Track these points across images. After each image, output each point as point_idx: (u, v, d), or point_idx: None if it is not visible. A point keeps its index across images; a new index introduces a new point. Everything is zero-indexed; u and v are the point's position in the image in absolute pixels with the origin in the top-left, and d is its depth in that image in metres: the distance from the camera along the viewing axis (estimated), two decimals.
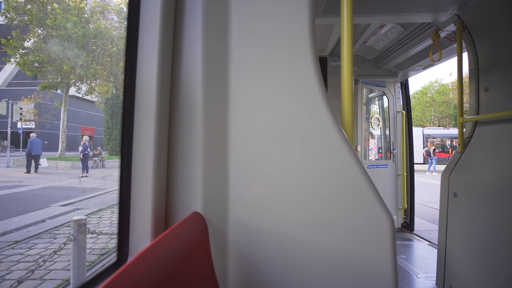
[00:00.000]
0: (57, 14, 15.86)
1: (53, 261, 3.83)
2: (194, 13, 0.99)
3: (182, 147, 0.99)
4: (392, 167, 4.41)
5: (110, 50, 18.28)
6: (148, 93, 0.94)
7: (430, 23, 2.68)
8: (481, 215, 2.00)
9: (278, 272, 0.89)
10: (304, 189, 0.88)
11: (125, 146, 0.97)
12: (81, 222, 2.66)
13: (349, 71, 0.97)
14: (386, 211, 0.82)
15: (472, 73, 2.22)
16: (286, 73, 0.92)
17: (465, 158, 2.24)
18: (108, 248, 4.45)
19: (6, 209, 6.38)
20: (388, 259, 0.80)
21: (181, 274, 0.69)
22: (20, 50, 16.39)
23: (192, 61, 0.98)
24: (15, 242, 4.49)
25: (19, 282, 2.31)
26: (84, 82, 18.72)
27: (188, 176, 0.97)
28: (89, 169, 13.73)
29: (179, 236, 0.77)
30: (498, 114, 1.93)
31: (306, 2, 0.91)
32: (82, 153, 13.14)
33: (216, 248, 0.94)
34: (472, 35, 2.20)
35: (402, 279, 2.85)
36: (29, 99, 21.36)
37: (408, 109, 4.58)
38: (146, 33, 0.96)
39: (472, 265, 2.06)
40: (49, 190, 8.89)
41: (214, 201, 0.95)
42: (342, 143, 0.86)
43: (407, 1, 2.17)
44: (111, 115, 20.61)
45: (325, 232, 0.85)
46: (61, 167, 15.35)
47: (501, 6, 1.91)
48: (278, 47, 0.94)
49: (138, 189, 0.95)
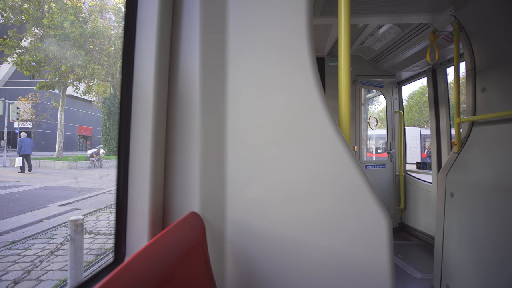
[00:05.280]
0: (54, 14, 15.77)
1: (50, 261, 3.82)
2: (191, 12, 0.99)
3: (179, 147, 0.99)
4: (389, 167, 4.42)
5: (108, 50, 18.21)
6: (146, 93, 0.94)
7: (428, 24, 2.69)
8: (478, 215, 2.02)
9: (275, 272, 0.90)
10: (301, 189, 0.88)
11: (122, 146, 0.97)
12: (78, 222, 2.65)
13: (347, 72, 0.97)
14: (383, 211, 0.82)
15: (469, 73, 2.23)
16: (283, 73, 0.92)
17: (462, 158, 2.25)
18: (105, 249, 4.43)
19: (3, 209, 6.33)
20: (385, 259, 0.80)
21: (178, 274, 0.69)
22: (17, 49, 16.28)
23: (189, 60, 0.98)
24: (12, 243, 4.46)
25: (16, 282, 2.30)
26: (82, 82, 18.63)
27: (185, 176, 0.97)
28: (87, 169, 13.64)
29: (177, 236, 0.77)
30: (494, 114, 1.94)
31: (303, 3, 0.91)
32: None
33: (214, 248, 0.94)
34: (469, 36, 2.21)
35: (399, 278, 2.86)
36: (26, 99, 21.22)
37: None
38: (143, 32, 0.96)
39: (469, 265, 2.08)
40: (46, 190, 8.84)
41: (212, 201, 0.95)
42: (339, 144, 0.87)
43: (404, 1, 2.18)
44: (109, 115, 20.52)
45: (322, 233, 0.85)
46: (58, 167, 15.27)
47: (498, 7, 1.93)
48: (275, 47, 0.94)
49: (135, 189, 0.95)
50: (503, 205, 1.82)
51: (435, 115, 3.73)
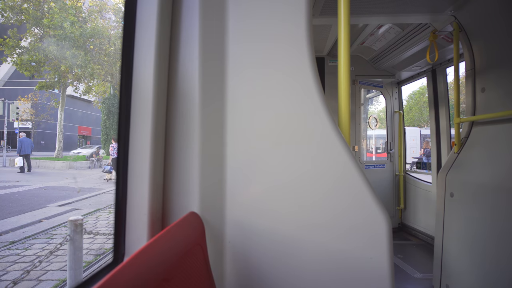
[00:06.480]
0: (54, 14, 15.76)
1: (49, 261, 3.81)
2: (191, 12, 0.99)
3: (178, 147, 0.99)
4: (389, 167, 4.42)
5: (108, 50, 18.20)
6: (145, 93, 0.94)
7: (428, 24, 2.69)
8: (478, 215, 2.01)
9: (275, 273, 0.89)
10: (301, 189, 0.88)
11: (122, 146, 0.96)
12: (78, 222, 2.65)
13: (346, 71, 0.97)
14: (382, 211, 0.82)
15: (469, 73, 2.23)
16: (283, 73, 0.92)
17: (462, 158, 2.25)
18: (105, 249, 4.43)
19: (3, 209, 6.33)
20: (385, 259, 0.80)
21: (178, 274, 0.69)
22: (17, 49, 16.27)
23: (189, 60, 0.98)
24: (12, 243, 4.46)
25: (15, 283, 2.29)
26: (82, 82, 18.62)
27: (184, 176, 0.97)
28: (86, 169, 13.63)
29: (176, 236, 0.76)
30: (494, 114, 1.94)
31: (303, 3, 0.91)
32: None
33: (213, 248, 0.94)
34: (469, 36, 2.21)
35: (399, 278, 2.86)
36: (26, 99, 21.20)
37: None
38: (142, 32, 0.96)
39: (469, 265, 2.08)
40: (45, 190, 8.84)
41: (211, 201, 0.95)
42: (339, 144, 0.86)
43: (404, 2, 2.18)
44: (108, 115, 20.51)
45: (322, 232, 0.85)
46: (58, 167, 15.26)
47: (497, 7, 1.93)
48: (275, 47, 0.93)
49: (134, 189, 0.95)
50: (503, 205, 1.82)
51: (435, 115, 3.73)
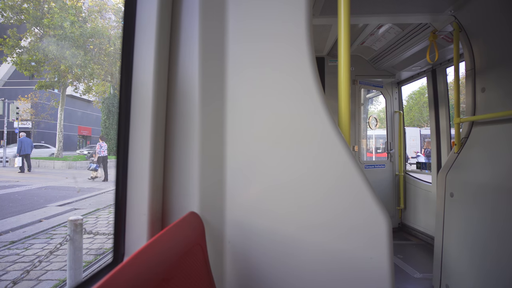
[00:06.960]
0: (54, 13, 15.75)
1: (49, 261, 3.81)
2: (191, 12, 0.99)
3: (178, 147, 0.99)
4: (389, 167, 4.42)
5: (108, 50, 18.20)
6: (145, 93, 0.94)
7: (428, 24, 2.69)
8: (478, 215, 2.01)
9: (275, 272, 0.89)
10: (300, 189, 0.88)
11: (122, 146, 0.96)
12: (78, 222, 2.65)
13: (346, 71, 0.97)
14: (383, 211, 0.82)
15: (469, 73, 2.23)
16: (283, 73, 0.92)
17: (462, 158, 2.25)
18: (105, 248, 4.43)
19: (3, 209, 6.32)
20: (385, 259, 0.80)
21: (177, 274, 0.69)
22: (16, 49, 16.27)
23: (188, 60, 0.98)
24: (11, 243, 4.45)
25: (15, 283, 2.29)
26: (82, 82, 18.61)
27: (184, 176, 0.97)
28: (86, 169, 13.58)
29: (176, 236, 0.76)
30: (494, 114, 1.94)
31: (303, 2, 0.91)
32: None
33: (213, 248, 0.94)
34: (469, 36, 2.21)
35: (399, 278, 2.86)
36: (26, 99, 21.19)
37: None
38: (142, 32, 0.96)
39: (469, 265, 2.08)
40: (45, 190, 8.83)
41: (211, 201, 0.95)
42: (339, 144, 0.86)
43: (404, 2, 2.18)
44: (108, 115, 20.50)
45: (322, 232, 0.85)
46: (58, 167, 15.25)
47: (497, 7, 1.92)
48: (275, 47, 0.93)
49: (134, 189, 0.95)
50: (504, 205, 1.82)
51: (435, 115, 3.73)
